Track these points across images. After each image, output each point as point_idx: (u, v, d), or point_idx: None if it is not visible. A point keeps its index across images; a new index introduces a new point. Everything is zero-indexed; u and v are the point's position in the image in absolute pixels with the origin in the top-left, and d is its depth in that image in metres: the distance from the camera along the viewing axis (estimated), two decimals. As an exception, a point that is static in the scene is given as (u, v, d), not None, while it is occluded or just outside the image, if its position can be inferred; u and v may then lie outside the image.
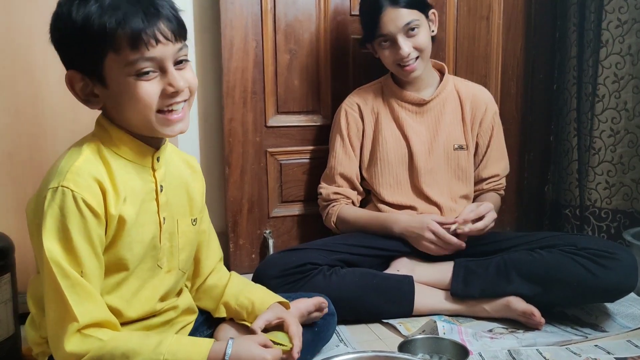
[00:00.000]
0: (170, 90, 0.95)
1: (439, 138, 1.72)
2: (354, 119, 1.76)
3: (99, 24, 0.90)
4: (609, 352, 1.30)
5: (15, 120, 1.50)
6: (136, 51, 0.91)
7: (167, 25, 0.94)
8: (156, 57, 0.93)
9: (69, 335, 0.90)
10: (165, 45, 0.93)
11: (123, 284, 1.01)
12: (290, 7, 1.87)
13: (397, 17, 1.60)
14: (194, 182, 1.16)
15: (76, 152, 0.97)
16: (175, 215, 1.08)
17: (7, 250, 1.26)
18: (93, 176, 0.93)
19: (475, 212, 1.56)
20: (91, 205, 0.92)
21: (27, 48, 1.48)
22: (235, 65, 1.83)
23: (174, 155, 1.14)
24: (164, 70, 0.95)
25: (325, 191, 1.78)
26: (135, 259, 1.00)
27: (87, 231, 0.92)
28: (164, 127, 0.97)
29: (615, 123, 1.95)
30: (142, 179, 1.02)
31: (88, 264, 0.92)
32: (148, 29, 0.91)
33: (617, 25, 1.90)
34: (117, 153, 0.99)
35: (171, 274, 1.09)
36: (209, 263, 1.23)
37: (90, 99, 0.98)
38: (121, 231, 0.97)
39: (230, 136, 1.86)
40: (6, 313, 1.24)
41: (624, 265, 1.41)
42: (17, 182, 1.50)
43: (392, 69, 1.70)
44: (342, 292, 1.44)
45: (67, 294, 0.90)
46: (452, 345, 1.25)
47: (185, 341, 0.99)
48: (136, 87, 0.93)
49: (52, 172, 0.95)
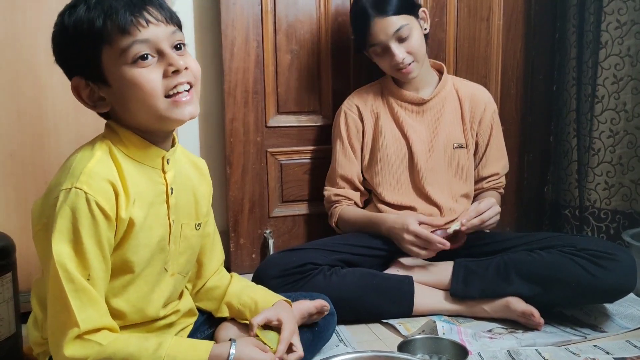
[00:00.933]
0: (171, 69, 0.93)
1: (438, 137, 1.73)
2: (353, 120, 1.77)
3: (87, 21, 0.91)
4: (608, 352, 1.30)
5: (17, 121, 1.50)
6: (128, 35, 0.91)
7: (155, 9, 0.94)
8: (150, 39, 0.92)
9: (68, 341, 0.90)
10: (157, 26, 0.93)
11: (130, 287, 1.00)
12: (291, 8, 1.88)
13: (386, 26, 1.60)
14: (201, 186, 1.15)
15: (88, 153, 0.96)
16: (181, 219, 1.07)
17: (9, 250, 1.26)
18: (106, 178, 0.93)
19: (476, 211, 1.54)
20: (104, 208, 0.91)
21: (30, 49, 1.49)
22: (237, 66, 1.84)
23: (183, 157, 1.13)
24: (161, 54, 0.94)
25: (327, 193, 1.80)
26: (141, 262, 1.00)
27: (97, 234, 0.91)
28: (174, 110, 0.95)
29: (615, 124, 1.95)
30: (152, 180, 1.01)
31: (95, 268, 0.92)
32: (136, 12, 0.91)
33: (616, 27, 1.91)
34: (127, 154, 0.98)
35: (173, 277, 1.08)
36: (212, 266, 1.22)
37: (98, 104, 0.98)
38: (129, 234, 0.97)
39: (232, 136, 1.86)
40: (7, 312, 1.24)
41: (623, 266, 1.42)
42: (20, 182, 1.50)
43: (390, 72, 1.71)
44: (342, 292, 1.45)
45: (71, 299, 0.89)
46: (451, 346, 1.25)
47: (185, 344, 0.99)
48: (136, 75, 0.92)
49: (64, 173, 0.94)
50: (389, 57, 1.64)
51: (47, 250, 0.91)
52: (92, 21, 0.90)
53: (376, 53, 1.67)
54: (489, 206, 1.56)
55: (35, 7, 1.48)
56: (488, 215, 1.54)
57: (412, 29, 1.63)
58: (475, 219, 1.53)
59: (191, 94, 0.97)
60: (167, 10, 0.96)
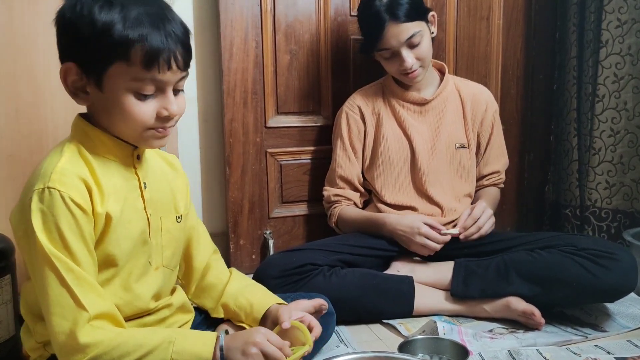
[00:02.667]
0: (164, 113, 0.96)
1: (441, 137, 1.73)
2: (355, 121, 1.77)
3: (120, 31, 0.90)
4: (609, 352, 1.30)
5: (16, 122, 1.50)
6: (148, 71, 0.92)
7: (182, 54, 0.95)
8: (163, 81, 0.95)
9: (81, 327, 0.90)
10: (175, 73, 0.95)
11: (114, 280, 1.01)
12: (290, 8, 1.87)
13: (399, 32, 1.59)
14: (175, 180, 1.16)
15: (57, 154, 0.96)
16: (159, 213, 1.08)
17: (8, 252, 1.27)
18: (78, 175, 0.94)
19: (472, 217, 1.58)
20: (79, 203, 0.92)
21: (28, 49, 1.48)
22: (236, 66, 1.83)
23: (154, 154, 1.15)
24: (162, 92, 0.96)
25: (327, 193, 1.80)
26: (123, 254, 1.00)
27: (78, 229, 0.92)
28: (150, 139, 0.99)
29: (615, 123, 1.95)
30: (124, 177, 1.02)
31: (83, 261, 0.93)
32: (165, 53, 0.92)
33: (617, 26, 1.91)
34: (97, 153, 0.99)
35: (159, 271, 1.09)
36: (201, 257, 1.23)
37: (79, 94, 0.97)
38: (108, 227, 0.97)
39: (231, 137, 1.86)
40: (7, 314, 1.24)
41: (623, 266, 1.42)
42: (18, 183, 1.50)
43: (396, 75, 1.71)
44: (342, 292, 1.44)
45: (74, 287, 0.90)
46: (452, 346, 1.25)
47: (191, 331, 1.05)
48: (132, 105, 0.94)
49: (35, 176, 0.94)
50: (397, 61, 1.64)
51: (32, 253, 0.91)
52: (124, 35, 0.90)
53: (384, 57, 1.66)
54: (482, 210, 1.58)
55: (32, 10, 1.48)
56: (483, 221, 1.57)
57: (423, 35, 1.62)
58: (472, 227, 1.56)
59: (170, 129, 1.01)
60: (190, 54, 0.98)
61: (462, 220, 1.59)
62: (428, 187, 1.70)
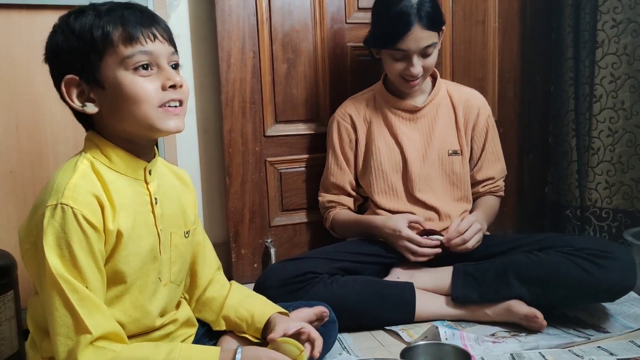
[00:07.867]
0: (168, 84, 0.98)
1: (433, 144, 1.72)
2: (345, 130, 1.77)
3: (98, 24, 0.95)
4: (612, 353, 1.30)
5: (16, 138, 1.51)
6: (134, 45, 0.95)
7: (161, 29, 0.99)
8: (152, 52, 0.97)
9: (82, 348, 0.91)
10: (161, 43, 0.98)
11: (124, 297, 1.01)
12: (286, 17, 1.88)
13: (421, 38, 1.58)
14: (185, 195, 1.17)
15: (70, 169, 0.97)
16: (169, 228, 1.09)
17: (10, 268, 1.27)
18: (91, 192, 0.94)
19: (457, 231, 1.55)
20: (91, 221, 0.92)
21: (27, 66, 1.50)
22: (233, 76, 1.84)
23: (165, 168, 1.16)
24: (160, 68, 0.98)
25: (322, 199, 1.83)
26: (132, 272, 1.01)
27: (89, 247, 0.93)
28: (163, 120, 0.98)
29: (614, 123, 1.95)
30: (136, 191, 1.02)
31: (92, 279, 0.93)
32: (144, 27, 0.96)
33: (612, 26, 1.91)
34: (109, 167, 1.00)
35: (166, 287, 1.09)
36: (206, 274, 1.23)
37: (88, 106, 0.98)
38: (119, 244, 0.98)
39: (230, 146, 1.87)
40: (10, 330, 1.25)
41: (621, 264, 1.42)
42: (19, 199, 1.51)
43: (395, 78, 1.68)
44: (344, 300, 1.45)
45: (78, 307, 0.90)
46: (454, 351, 1.24)
47: (195, 347, 1.03)
48: (135, 81, 0.96)
49: (47, 191, 0.95)
50: (404, 65, 1.63)
51: (40, 268, 0.92)
52: (101, 26, 0.95)
53: (394, 57, 1.63)
54: (470, 224, 1.56)
55: (31, 24, 1.49)
56: (469, 235, 1.54)
57: (435, 47, 1.63)
58: (456, 239, 1.54)
59: (181, 109, 1.01)
60: (170, 32, 1.02)
61: (450, 230, 1.57)
62: (419, 195, 1.70)
